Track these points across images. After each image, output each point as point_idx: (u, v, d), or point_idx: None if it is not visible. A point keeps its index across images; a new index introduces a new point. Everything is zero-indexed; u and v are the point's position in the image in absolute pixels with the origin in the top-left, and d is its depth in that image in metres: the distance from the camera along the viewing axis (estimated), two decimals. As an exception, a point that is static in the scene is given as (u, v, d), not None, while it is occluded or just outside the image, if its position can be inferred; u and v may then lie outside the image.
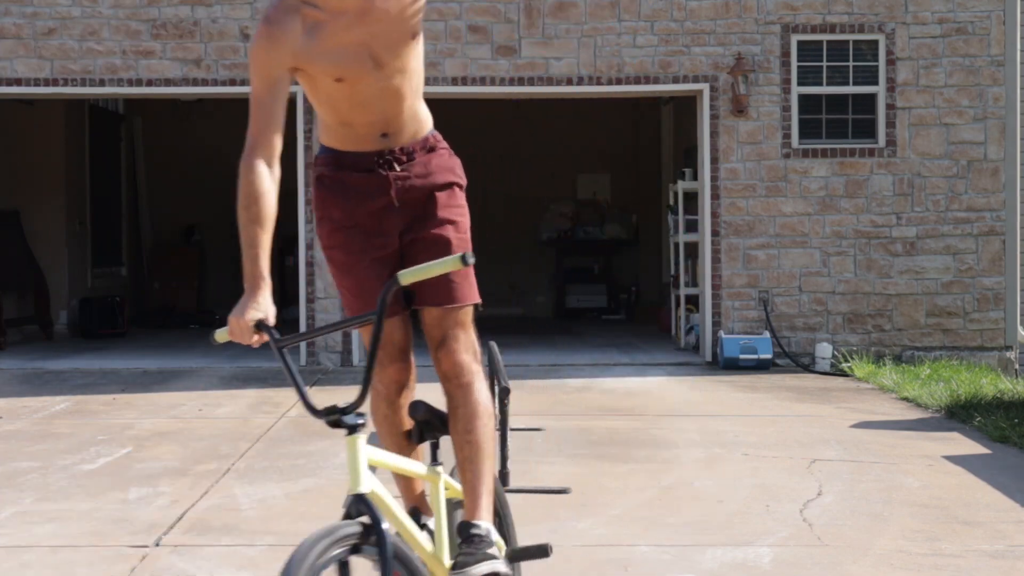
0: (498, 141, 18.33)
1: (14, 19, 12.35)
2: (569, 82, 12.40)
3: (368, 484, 3.28)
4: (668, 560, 5.32)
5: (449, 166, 3.96)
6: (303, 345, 12.46)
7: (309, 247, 12.48)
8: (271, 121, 3.57)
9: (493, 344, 8.16)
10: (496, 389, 7.55)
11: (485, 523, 3.73)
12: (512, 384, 7.09)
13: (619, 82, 12.50)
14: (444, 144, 4.01)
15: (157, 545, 5.55)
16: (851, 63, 12.58)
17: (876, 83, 12.54)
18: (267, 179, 3.55)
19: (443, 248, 3.78)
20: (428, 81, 13.91)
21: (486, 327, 6.70)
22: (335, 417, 3.44)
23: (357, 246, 3.86)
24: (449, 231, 3.84)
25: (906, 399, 10.03)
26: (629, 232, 18.84)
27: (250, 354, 13.37)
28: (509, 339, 12.96)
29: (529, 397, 9.92)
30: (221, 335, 3.51)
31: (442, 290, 3.80)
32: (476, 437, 3.80)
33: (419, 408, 3.81)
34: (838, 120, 12.63)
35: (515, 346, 12.69)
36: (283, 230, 18.87)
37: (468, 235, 3.92)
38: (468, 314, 3.87)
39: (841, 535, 5.71)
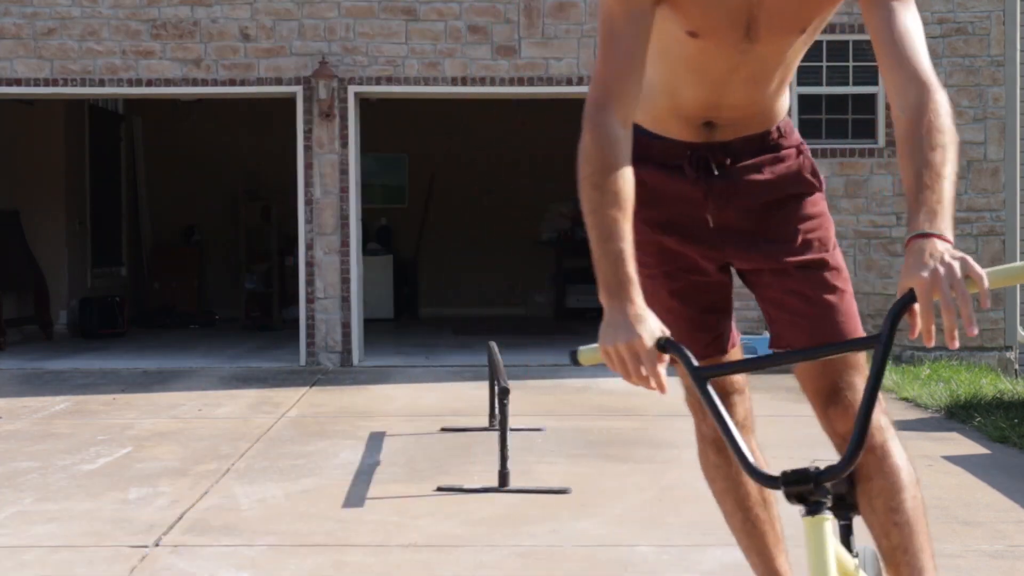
0: (498, 141, 18.33)
1: (14, 19, 12.36)
2: (569, 82, 12.40)
3: None
4: (668, 560, 5.32)
5: (796, 169, 2.97)
6: (303, 345, 12.45)
7: (309, 247, 12.47)
8: (631, 63, 2.55)
9: (493, 344, 8.18)
10: (496, 389, 7.57)
11: None
12: (512, 384, 7.10)
13: (619, 82, 12.50)
14: (794, 139, 3.01)
15: (157, 545, 5.55)
16: (851, 63, 12.58)
17: (876, 83, 12.55)
18: (625, 144, 2.50)
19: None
20: (428, 81, 13.89)
21: (486, 327, 6.71)
22: (806, 488, 2.34)
23: (650, 261, 2.90)
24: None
25: (906, 399, 10.03)
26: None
27: (250, 354, 13.38)
28: (509, 339, 12.96)
29: (529, 397, 9.92)
30: (588, 356, 2.53)
31: (824, 323, 2.90)
32: (905, 517, 2.86)
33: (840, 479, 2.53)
34: (838, 120, 12.64)
35: (515, 346, 12.69)
36: (284, 229, 18.96)
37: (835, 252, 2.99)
38: (863, 356, 2.91)
39: (841, 535, 5.70)
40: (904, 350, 12.47)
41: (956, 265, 2.25)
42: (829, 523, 2.34)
